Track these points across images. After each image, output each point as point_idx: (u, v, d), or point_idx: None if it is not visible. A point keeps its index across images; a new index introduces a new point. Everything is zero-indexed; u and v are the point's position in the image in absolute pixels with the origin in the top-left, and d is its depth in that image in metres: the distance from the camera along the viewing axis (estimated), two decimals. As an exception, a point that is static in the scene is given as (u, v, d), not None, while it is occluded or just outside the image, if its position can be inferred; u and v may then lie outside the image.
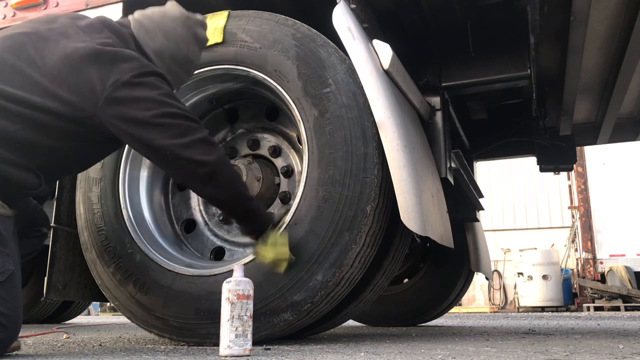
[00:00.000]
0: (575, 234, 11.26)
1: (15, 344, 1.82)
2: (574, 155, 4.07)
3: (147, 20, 1.97)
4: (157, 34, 1.95)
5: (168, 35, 1.96)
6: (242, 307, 1.67)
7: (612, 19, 2.74)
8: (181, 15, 2.00)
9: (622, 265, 10.05)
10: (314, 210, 1.99)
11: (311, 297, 1.96)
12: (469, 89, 2.82)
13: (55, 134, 1.73)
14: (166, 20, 1.97)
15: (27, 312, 5.16)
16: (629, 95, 3.50)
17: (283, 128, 2.51)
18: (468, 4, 2.53)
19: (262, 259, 1.94)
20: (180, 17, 1.99)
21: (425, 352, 1.82)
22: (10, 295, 1.66)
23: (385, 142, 1.99)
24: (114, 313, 13.04)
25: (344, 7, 2.19)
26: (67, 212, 2.43)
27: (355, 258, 1.99)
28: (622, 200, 10.30)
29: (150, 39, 1.94)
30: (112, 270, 2.24)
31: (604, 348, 1.97)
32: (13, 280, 1.68)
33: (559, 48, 3.04)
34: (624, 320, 5.17)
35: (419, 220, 1.98)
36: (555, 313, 9.59)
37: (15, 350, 1.85)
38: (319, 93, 2.09)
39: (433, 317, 4.30)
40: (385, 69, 2.13)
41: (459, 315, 8.21)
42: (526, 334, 2.93)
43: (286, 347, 1.96)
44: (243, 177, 2.30)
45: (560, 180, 12.65)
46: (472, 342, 2.25)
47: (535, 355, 1.67)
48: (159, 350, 1.99)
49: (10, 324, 1.65)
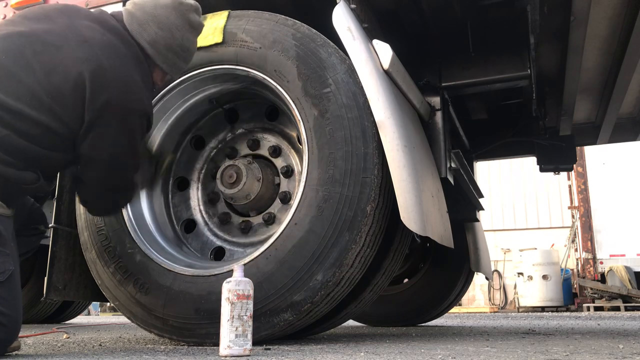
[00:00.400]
0: (575, 234, 11.26)
1: (15, 344, 1.82)
2: (574, 155, 4.07)
3: (139, 11, 1.94)
4: (150, 24, 1.92)
5: (161, 24, 1.93)
6: (242, 307, 1.67)
7: (612, 19, 2.74)
8: (173, 2, 1.96)
9: (622, 265, 10.05)
10: (314, 210, 1.99)
11: (311, 297, 1.96)
12: (469, 89, 2.82)
13: (45, 144, 1.73)
14: (158, 9, 1.94)
15: (27, 312, 5.16)
16: (629, 95, 3.50)
17: (283, 128, 2.51)
18: (468, 4, 2.53)
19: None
20: (172, 4, 1.96)
21: (425, 352, 1.82)
22: (10, 295, 1.66)
23: (385, 142, 1.99)
24: (114, 313, 13.04)
25: (344, 7, 2.19)
26: (67, 212, 2.43)
27: (355, 258, 1.99)
28: (622, 200, 10.30)
29: (144, 30, 1.92)
30: (112, 270, 2.23)
31: (604, 348, 1.97)
32: (13, 280, 1.69)
33: (559, 48, 3.04)
34: (624, 320, 5.17)
35: (419, 220, 1.98)
36: (555, 313, 9.59)
37: (15, 350, 1.85)
38: (319, 93, 2.09)
39: (433, 317, 4.30)
40: (385, 69, 2.13)
41: (459, 315, 8.20)
42: (526, 334, 2.93)
43: (286, 347, 1.96)
44: (243, 178, 2.30)
45: (560, 180, 12.64)
46: (472, 342, 2.25)
47: (535, 355, 1.67)
48: (159, 350, 1.99)
49: (10, 323, 1.65)
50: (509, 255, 13.25)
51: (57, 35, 1.77)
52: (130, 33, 1.92)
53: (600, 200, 10.50)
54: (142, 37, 1.92)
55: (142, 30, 1.93)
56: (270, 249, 2.02)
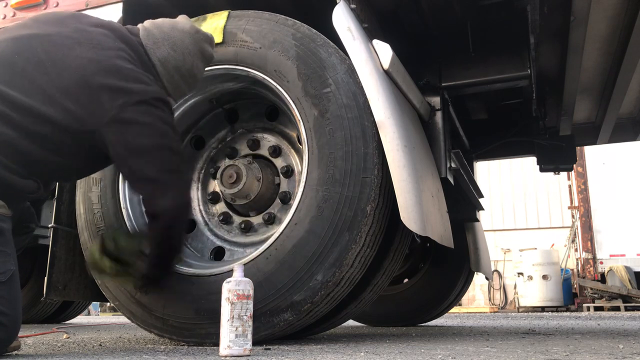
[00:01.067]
0: (575, 234, 11.26)
1: (15, 344, 1.82)
2: (574, 155, 4.07)
3: (157, 29, 1.99)
4: (164, 44, 1.97)
5: (175, 46, 1.98)
6: (242, 307, 1.67)
7: (612, 19, 2.74)
8: (190, 29, 2.02)
9: (622, 265, 10.05)
10: (314, 210, 1.99)
11: (311, 297, 1.96)
12: (469, 89, 2.82)
13: (51, 146, 1.73)
14: (175, 31, 2.00)
15: (27, 312, 5.16)
16: (629, 95, 3.50)
17: (283, 128, 2.51)
18: (468, 4, 2.53)
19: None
20: (190, 30, 2.02)
21: (425, 352, 1.82)
22: (11, 295, 1.67)
23: (385, 142, 1.99)
24: (114, 313, 13.04)
25: (344, 7, 2.19)
26: (67, 212, 2.43)
27: (355, 258, 1.99)
28: (622, 200, 10.30)
29: (157, 48, 1.96)
30: (112, 270, 2.23)
31: (604, 348, 1.97)
32: (14, 280, 1.70)
33: (559, 48, 3.04)
34: (624, 320, 5.17)
35: (419, 220, 1.98)
36: (555, 313, 9.59)
37: (15, 350, 1.86)
38: (319, 93, 2.09)
39: (433, 317, 4.30)
40: (385, 69, 2.13)
41: (459, 315, 8.20)
42: (526, 334, 2.93)
43: (286, 347, 1.96)
44: (243, 178, 2.30)
45: (560, 180, 12.64)
46: (472, 342, 2.25)
47: (535, 355, 1.67)
48: (159, 350, 1.99)
49: (10, 323, 1.66)
50: (509, 255, 13.24)
51: (69, 37, 1.78)
52: (144, 48, 1.95)
53: (600, 200, 10.50)
54: (154, 54, 1.96)
55: (155, 48, 1.96)
56: (270, 249, 2.02)
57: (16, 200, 1.77)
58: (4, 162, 1.66)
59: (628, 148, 9.76)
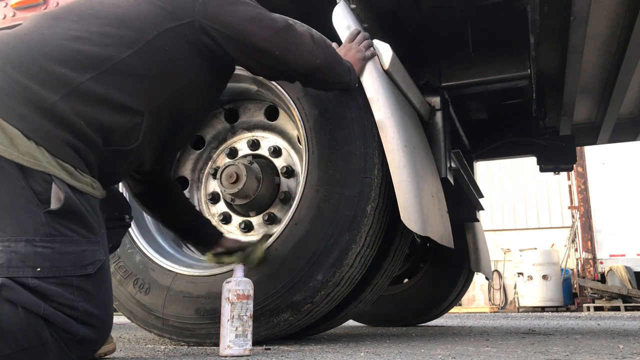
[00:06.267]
0: (575, 234, 11.27)
1: (108, 347, 1.66)
2: (574, 155, 4.07)
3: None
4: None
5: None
6: (242, 307, 1.67)
7: (612, 19, 2.74)
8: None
9: (622, 265, 10.06)
10: (314, 210, 1.99)
11: (311, 297, 1.96)
12: (469, 89, 2.82)
13: (155, 59, 1.53)
14: None
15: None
16: (629, 95, 3.50)
17: (283, 128, 2.50)
18: (468, 4, 2.53)
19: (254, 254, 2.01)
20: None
21: (425, 352, 1.82)
22: (99, 291, 1.40)
23: (385, 142, 1.98)
24: (114, 313, 13.01)
25: (344, 7, 2.19)
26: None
27: (355, 258, 1.99)
28: (622, 200, 10.31)
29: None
30: (112, 270, 2.23)
31: (604, 348, 1.97)
32: (104, 273, 1.43)
33: (559, 48, 3.04)
34: (624, 320, 5.18)
35: (419, 220, 1.98)
36: (555, 313, 9.59)
37: (109, 354, 1.69)
38: (319, 93, 2.09)
39: (433, 317, 4.30)
40: (385, 68, 2.13)
41: (459, 315, 8.21)
42: (526, 334, 2.93)
43: (286, 347, 1.96)
44: (243, 177, 2.30)
45: (560, 180, 12.66)
46: (472, 342, 2.25)
47: (535, 355, 1.67)
48: (159, 350, 1.99)
49: (99, 324, 1.39)
50: (509, 255, 13.26)
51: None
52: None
53: (600, 200, 10.52)
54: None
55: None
56: (270, 249, 2.02)
57: (114, 171, 1.53)
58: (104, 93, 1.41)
59: (628, 148, 9.78)
